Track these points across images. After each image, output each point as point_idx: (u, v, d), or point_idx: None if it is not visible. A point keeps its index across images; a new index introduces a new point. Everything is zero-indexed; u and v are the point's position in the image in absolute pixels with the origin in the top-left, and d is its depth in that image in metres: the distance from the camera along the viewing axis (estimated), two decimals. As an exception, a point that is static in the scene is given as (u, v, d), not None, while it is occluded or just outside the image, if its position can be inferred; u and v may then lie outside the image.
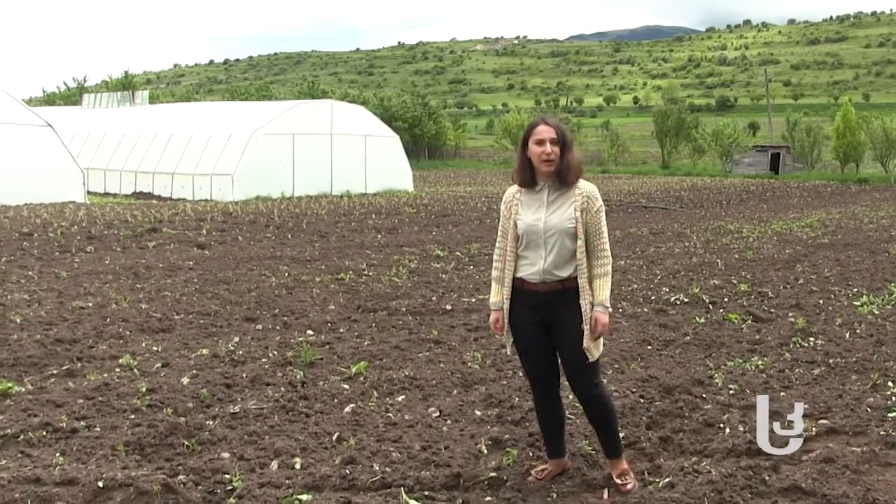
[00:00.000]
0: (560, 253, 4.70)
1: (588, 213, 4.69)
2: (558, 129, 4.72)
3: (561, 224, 4.68)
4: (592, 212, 4.70)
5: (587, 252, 4.71)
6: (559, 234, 4.68)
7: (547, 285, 4.73)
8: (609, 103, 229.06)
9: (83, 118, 43.12)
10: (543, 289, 4.74)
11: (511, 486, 4.92)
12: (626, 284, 12.16)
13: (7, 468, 5.07)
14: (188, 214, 22.68)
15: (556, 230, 4.69)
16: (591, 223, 4.70)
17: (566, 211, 4.70)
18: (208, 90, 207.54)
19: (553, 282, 4.73)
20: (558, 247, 4.70)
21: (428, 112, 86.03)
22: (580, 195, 4.71)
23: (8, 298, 10.66)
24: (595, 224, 4.71)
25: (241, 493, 4.73)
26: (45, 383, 7.00)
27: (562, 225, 4.68)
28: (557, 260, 4.71)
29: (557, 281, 4.72)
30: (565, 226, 4.68)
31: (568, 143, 4.72)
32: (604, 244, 4.74)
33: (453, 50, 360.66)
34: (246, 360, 7.77)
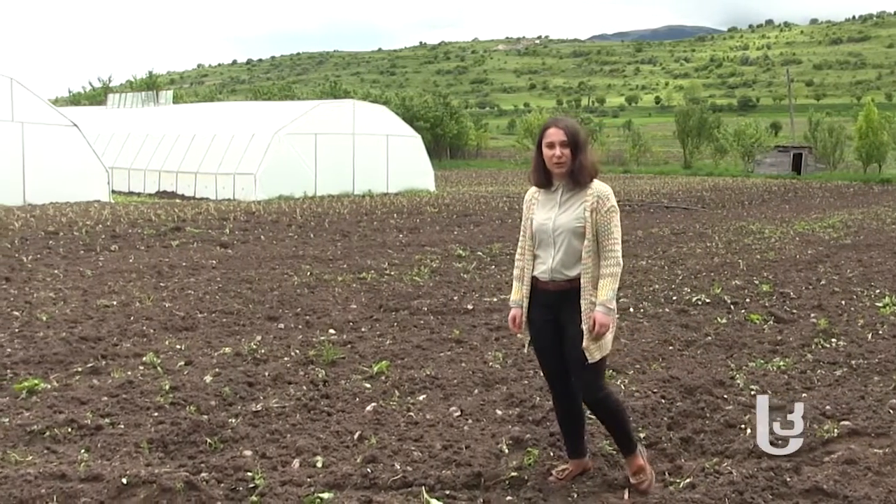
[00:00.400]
0: (568, 252, 4.74)
1: (598, 213, 4.70)
2: (568, 131, 4.73)
3: (569, 223, 4.72)
4: (602, 212, 4.70)
5: (596, 252, 4.71)
6: (567, 233, 4.72)
7: (556, 284, 4.78)
8: (631, 103, 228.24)
9: (108, 118, 43.47)
10: (553, 287, 4.79)
11: (532, 485, 4.92)
12: (647, 284, 12.12)
13: (33, 464, 5.13)
14: (211, 214, 22.81)
15: (563, 229, 4.73)
16: (600, 223, 4.70)
17: (576, 210, 4.73)
18: (231, 90, 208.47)
19: (562, 280, 4.76)
20: (566, 246, 4.74)
21: (450, 112, 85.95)
22: (592, 195, 4.73)
23: (34, 296, 10.77)
24: (605, 224, 4.70)
25: (263, 491, 4.76)
26: (71, 380, 7.07)
27: (569, 224, 4.72)
28: (566, 259, 4.74)
29: (566, 280, 4.75)
30: (573, 225, 4.71)
31: (580, 144, 4.73)
32: (613, 245, 4.71)
33: (475, 50, 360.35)
34: (268, 359, 7.81)
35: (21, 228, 18.08)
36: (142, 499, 4.65)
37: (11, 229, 17.85)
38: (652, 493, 4.81)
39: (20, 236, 16.75)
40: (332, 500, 4.69)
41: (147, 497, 4.66)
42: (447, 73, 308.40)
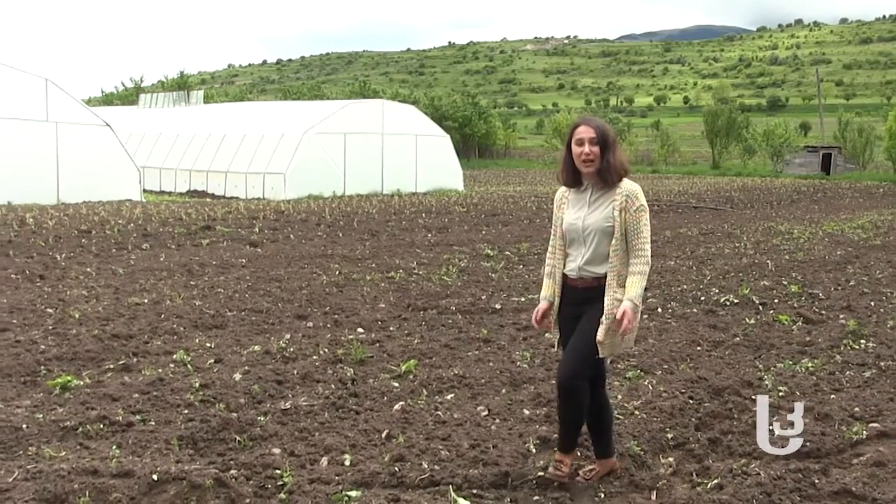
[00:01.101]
0: (597, 251, 4.77)
1: (627, 212, 4.72)
2: (598, 130, 4.74)
3: (598, 223, 4.75)
4: (632, 211, 4.72)
5: (624, 251, 4.72)
6: (596, 232, 4.75)
7: (584, 281, 4.82)
8: (659, 103, 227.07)
9: (140, 118, 43.86)
10: (581, 284, 4.84)
11: (559, 485, 4.91)
12: (675, 285, 12.07)
13: (67, 459, 5.19)
14: (241, 213, 22.95)
15: (593, 229, 4.76)
16: (629, 222, 4.72)
17: (605, 210, 4.75)
18: (261, 90, 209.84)
19: (590, 278, 4.80)
20: (595, 244, 4.77)
21: (478, 112, 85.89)
22: (620, 194, 4.74)
23: (67, 294, 10.90)
24: (634, 223, 4.72)
25: (292, 489, 4.78)
26: (103, 377, 7.14)
27: (599, 224, 4.74)
28: (594, 257, 4.78)
29: (594, 278, 4.79)
30: (603, 225, 4.73)
31: (609, 143, 4.74)
32: (642, 244, 4.73)
33: (504, 50, 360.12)
34: (297, 357, 7.85)
35: (55, 227, 18.29)
36: (172, 495, 4.69)
37: (45, 228, 18.07)
38: (559, 480, 4.86)
39: (54, 235, 16.95)
40: (359, 498, 4.71)
41: (177, 493, 4.69)
42: (476, 72, 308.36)
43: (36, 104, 26.86)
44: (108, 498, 4.65)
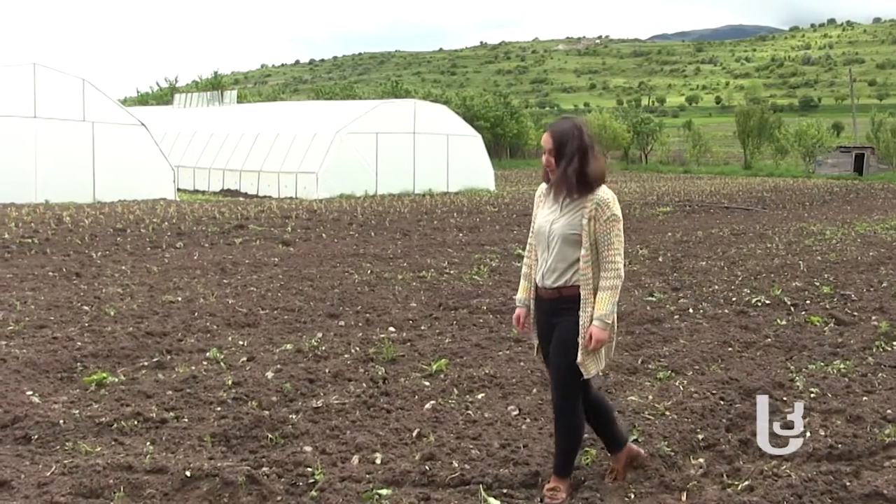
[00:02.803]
0: (559, 259, 4.59)
1: (597, 221, 4.49)
2: (556, 138, 4.53)
3: (563, 230, 4.56)
4: (602, 220, 4.49)
5: (596, 262, 4.53)
6: (560, 239, 4.57)
7: (546, 291, 4.68)
8: (691, 103, 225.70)
9: (174, 117, 44.26)
10: (544, 294, 4.70)
11: (589, 485, 4.91)
12: (707, 285, 11.99)
13: (102, 455, 5.26)
14: (274, 212, 23.08)
15: (557, 235, 4.58)
16: (600, 232, 4.50)
17: (573, 217, 4.55)
18: (294, 90, 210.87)
19: (550, 289, 4.64)
20: (557, 252, 4.59)
21: (510, 111, 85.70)
22: (591, 202, 4.50)
23: (103, 292, 11.02)
24: (604, 234, 4.49)
25: (323, 487, 4.81)
26: (137, 374, 7.22)
27: (563, 231, 4.56)
28: (556, 265, 4.60)
29: (553, 288, 4.62)
30: (567, 232, 4.54)
31: (566, 151, 4.49)
32: (612, 256, 4.51)
33: (535, 50, 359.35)
34: (329, 356, 7.88)
35: (91, 225, 18.50)
36: (204, 491, 4.74)
37: (82, 226, 18.28)
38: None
39: (90, 233, 17.15)
40: (390, 496, 4.72)
41: (210, 490, 4.74)
42: (507, 72, 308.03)
43: (73, 104, 27.19)
44: (142, 493, 4.71)
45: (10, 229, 17.24)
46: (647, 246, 16.82)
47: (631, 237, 18.67)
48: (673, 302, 10.78)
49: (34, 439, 5.56)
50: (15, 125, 25.80)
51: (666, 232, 19.89)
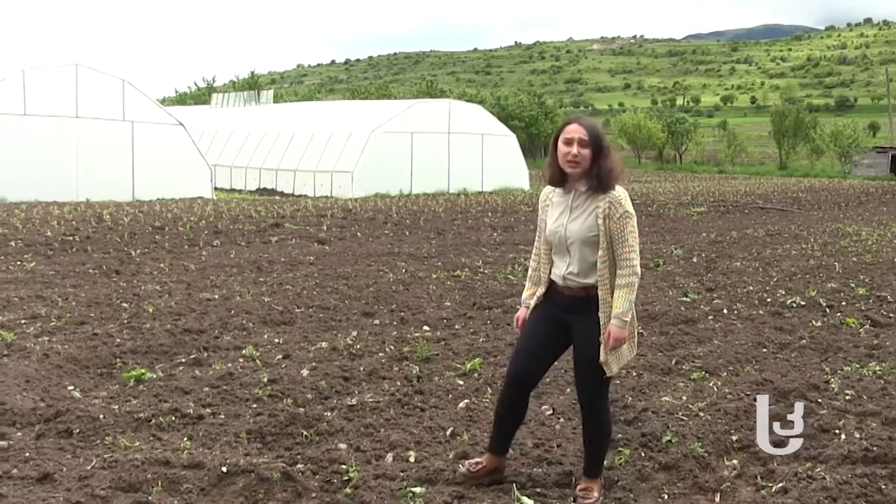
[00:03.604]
0: (582, 261, 4.55)
1: (611, 219, 4.45)
2: (591, 132, 4.48)
3: (580, 233, 4.52)
4: (615, 218, 4.45)
5: (613, 261, 4.50)
6: (579, 242, 4.53)
7: (571, 290, 4.62)
8: (726, 103, 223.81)
9: (212, 117, 44.66)
10: (568, 293, 4.64)
11: (622, 485, 4.89)
12: (741, 286, 11.90)
13: (140, 450, 5.33)
14: (309, 210, 23.21)
15: (575, 238, 4.54)
16: (614, 230, 4.46)
17: (587, 219, 4.51)
18: (330, 89, 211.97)
19: (577, 287, 4.60)
20: (579, 255, 4.55)
21: (544, 111, 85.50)
22: (604, 200, 4.47)
23: (141, 289, 11.16)
24: (619, 231, 4.45)
25: (357, 484, 4.83)
26: (175, 371, 7.30)
27: (581, 234, 4.51)
28: (580, 267, 4.56)
29: (581, 287, 4.58)
30: (586, 235, 4.51)
31: (604, 148, 4.48)
32: (628, 254, 4.46)
33: (570, 49, 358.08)
34: (363, 354, 7.92)
35: (130, 223, 18.73)
36: (240, 487, 4.78)
37: (121, 224, 18.52)
38: None
39: (129, 231, 17.37)
40: (424, 494, 4.74)
41: (245, 486, 4.78)
42: (542, 72, 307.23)
43: (113, 104, 27.56)
44: (179, 488, 4.76)
45: (52, 227, 17.51)
46: (681, 246, 16.72)
47: (665, 237, 18.58)
48: (707, 302, 10.71)
49: (75, 433, 5.66)
50: (58, 125, 26.21)
51: (700, 232, 19.76)
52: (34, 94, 25.98)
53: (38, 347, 7.71)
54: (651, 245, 17.00)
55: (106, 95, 27.39)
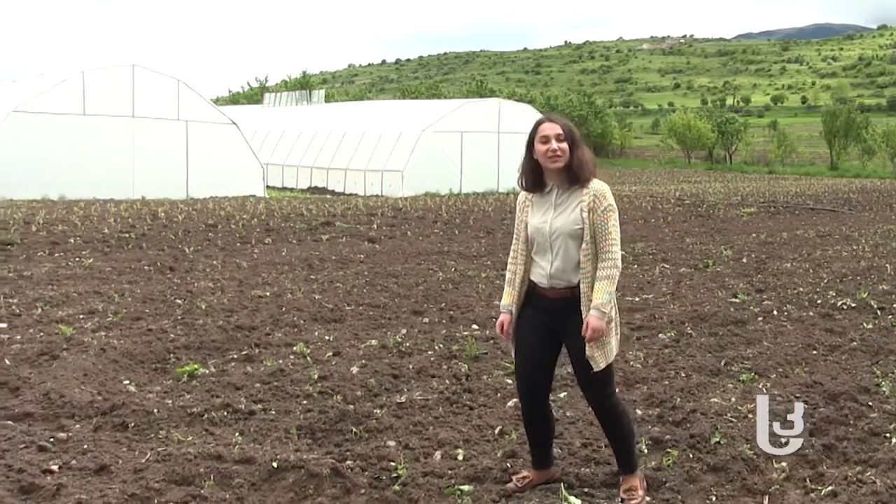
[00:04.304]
0: (566, 257, 4.56)
1: (595, 212, 4.50)
2: (565, 127, 4.57)
3: (566, 226, 4.54)
4: (599, 211, 4.50)
5: (595, 255, 4.52)
6: (564, 237, 4.54)
7: (556, 291, 4.62)
8: (776, 103, 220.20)
9: (264, 116, 45.12)
10: (552, 294, 4.64)
11: (670, 486, 4.87)
12: (791, 287, 11.75)
13: (193, 444, 5.43)
14: (360, 209, 23.35)
15: (560, 233, 4.55)
16: (598, 223, 4.50)
17: (572, 212, 4.54)
18: (380, 89, 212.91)
19: (562, 288, 4.60)
20: (563, 250, 4.56)
21: (594, 111, 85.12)
22: (588, 194, 4.53)
23: (195, 286, 11.34)
24: (602, 224, 4.50)
25: (406, 481, 4.86)
26: (227, 367, 7.41)
27: (566, 227, 4.54)
28: (564, 265, 4.57)
29: (567, 287, 4.59)
30: (570, 228, 4.53)
31: (577, 140, 4.56)
32: (610, 246, 4.50)
33: (620, 49, 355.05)
34: (413, 352, 7.97)
35: (184, 221, 19.01)
36: (290, 483, 4.85)
37: (176, 222, 18.80)
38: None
39: (183, 228, 17.63)
40: (471, 492, 4.76)
41: (295, 481, 4.85)
42: (592, 72, 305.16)
43: (169, 104, 28.00)
44: (230, 482, 4.84)
45: (109, 224, 17.85)
46: (731, 247, 16.54)
47: (715, 238, 18.40)
48: (757, 304, 10.59)
49: (131, 427, 5.78)
50: (115, 124, 26.72)
51: (750, 233, 19.52)
52: (93, 94, 26.51)
53: (96, 342, 7.88)
54: (700, 246, 16.85)
55: (161, 95, 27.83)
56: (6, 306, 9.61)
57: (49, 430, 5.69)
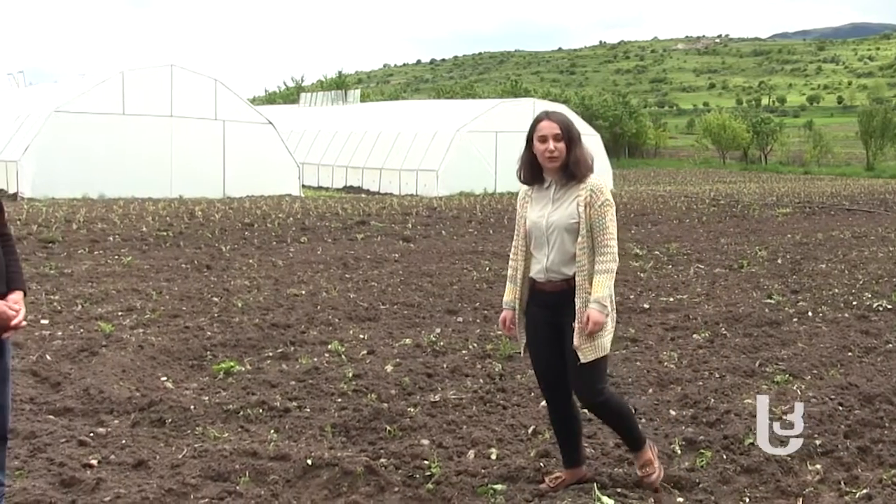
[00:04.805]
0: (562, 250, 4.59)
1: (592, 207, 4.52)
2: (563, 125, 4.58)
3: (562, 220, 4.57)
4: (596, 206, 4.53)
5: (591, 249, 4.53)
6: (560, 230, 4.57)
7: (553, 284, 4.64)
8: (812, 103, 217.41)
9: (300, 116, 45.40)
10: (550, 288, 4.66)
11: (704, 487, 4.84)
12: (826, 288, 11.63)
13: (229, 440, 5.50)
14: (395, 208, 23.44)
15: (556, 227, 4.58)
16: (595, 218, 4.52)
17: (569, 207, 4.57)
18: (415, 89, 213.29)
19: (559, 280, 4.62)
20: (559, 244, 4.59)
21: (628, 111, 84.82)
22: (585, 189, 4.56)
23: (231, 284, 11.46)
24: (599, 219, 4.52)
25: (439, 480, 4.88)
26: (262, 364, 7.48)
27: (563, 221, 4.56)
28: (560, 258, 4.59)
29: (563, 280, 4.61)
30: (567, 222, 4.56)
31: (574, 137, 4.58)
32: (608, 241, 4.53)
33: (654, 49, 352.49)
34: (447, 351, 7.99)
35: (220, 220, 19.21)
36: (325, 480, 4.89)
37: (212, 220, 19.01)
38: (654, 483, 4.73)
39: (220, 227, 17.82)
40: (504, 491, 4.77)
41: (330, 479, 4.89)
42: (626, 72, 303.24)
43: (206, 104, 28.31)
44: (265, 479, 4.89)
45: (147, 223, 18.09)
46: (765, 247, 16.40)
47: (749, 238, 18.25)
48: (792, 305, 10.50)
49: (168, 423, 5.86)
50: (154, 124, 27.08)
51: (785, 233, 19.34)
52: (132, 94, 26.89)
53: (134, 339, 8.00)
54: (735, 246, 16.72)
55: (199, 95, 28.16)
56: (48, 303, 9.79)
57: (89, 424, 5.79)
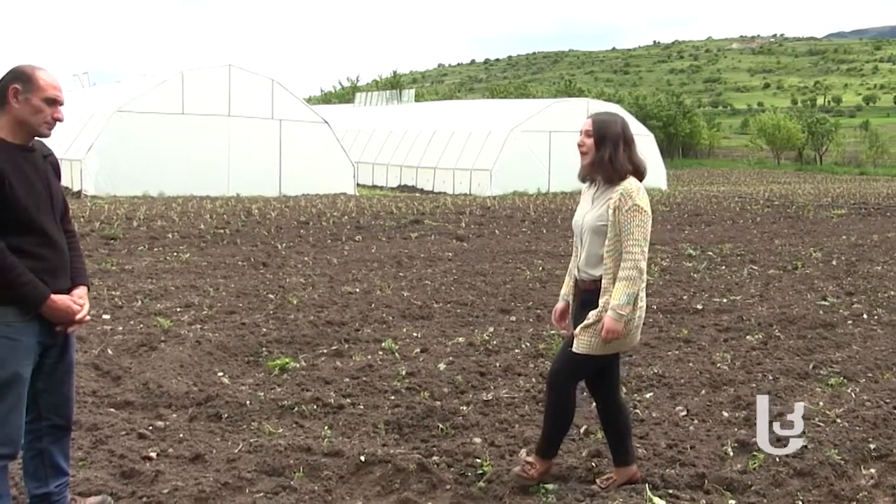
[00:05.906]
0: (591, 251, 4.66)
1: (619, 211, 4.51)
2: (596, 123, 4.65)
3: (592, 222, 4.64)
4: (623, 210, 4.50)
5: (619, 252, 4.53)
6: (590, 231, 4.65)
7: (585, 283, 4.73)
8: (868, 103, 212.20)
9: (355, 115, 45.71)
10: (583, 286, 4.75)
11: (756, 490, 4.80)
12: (882, 291, 11.43)
13: (284, 436, 5.59)
14: (448, 207, 23.50)
15: (587, 227, 4.66)
16: (622, 222, 4.50)
17: (601, 209, 4.61)
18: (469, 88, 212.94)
19: (589, 280, 4.68)
20: (589, 244, 4.67)
21: (682, 111, 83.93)
22: (617, 192, 4.56)
23: (286, 281, 11.60)
24: (626, 224, 4.49)
25: (491, 478, 4.90)
26: (317, 361, 7.57)
27: (593, 223, 4.63)
28: (589, 258, 4.67)
29: (592, 280, 4.66)
30: (596, 224, 4.61)
31: (606, 139, 4.59)
32: (632, 247, 4.48)
33: (709, 48, 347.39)
34: (499, 350, 8.02)
35: (276, 218, 19.45)
36: (377, 476, 4.95)
37: (269, 218, 19.26)
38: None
39: (276, 225, 18.05)
40: (556, 491, 4.78)
41: (382, 475, 4.95)
42: (680, 72, 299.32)
43: (263, 103, 28.66)
44: (319, 475, 4.96)
45: (205, 220, 18.39)
46: (820, 249, 16.15)
47: (804, 239, 17.99)
48: (846, 307, 10.34)
49: (224, 418, 5.98)
50: (213, 123, 27.49)
51: (840, 235, 19.01)
52: (191, 94, 27.33)
53: (192, 335, 8.16)
54: (789, 247, 16.49)
55: (256, 95, 28.51)
56: (109, 298, 10.01)
57: (148, 418, 5.94)
